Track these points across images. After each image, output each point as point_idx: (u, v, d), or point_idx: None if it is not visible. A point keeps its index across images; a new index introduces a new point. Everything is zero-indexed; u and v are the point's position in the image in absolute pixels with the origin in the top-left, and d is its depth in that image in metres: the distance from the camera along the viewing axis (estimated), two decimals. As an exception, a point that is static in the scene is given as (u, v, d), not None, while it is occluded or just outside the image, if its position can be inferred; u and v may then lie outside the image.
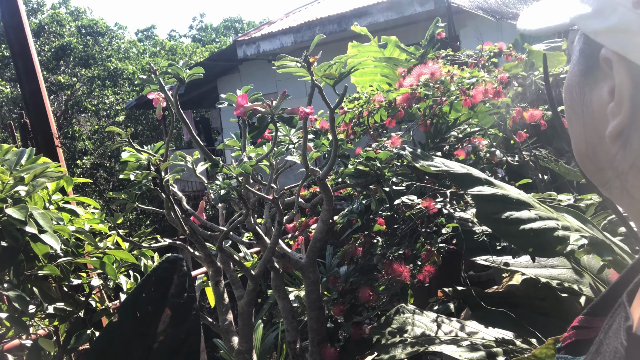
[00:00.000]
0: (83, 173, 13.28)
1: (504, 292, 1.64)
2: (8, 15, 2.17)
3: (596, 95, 0.40)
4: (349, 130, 1.94)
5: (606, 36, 0.36)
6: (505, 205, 1.17)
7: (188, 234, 1.52)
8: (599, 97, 0.39)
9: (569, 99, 0.45)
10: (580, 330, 0.42)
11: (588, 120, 0.42)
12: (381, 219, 1.74)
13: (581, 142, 0.43)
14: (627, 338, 0.32)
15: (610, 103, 0.38)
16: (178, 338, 1.31)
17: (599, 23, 0.37)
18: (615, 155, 0.39)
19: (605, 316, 0.40)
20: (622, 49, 0.35)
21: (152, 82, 1.32)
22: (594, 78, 0.40)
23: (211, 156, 1.37)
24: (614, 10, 0.35)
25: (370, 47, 2.80)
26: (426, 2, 6.97)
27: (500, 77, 1.77)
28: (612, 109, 0.37)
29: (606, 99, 0.38)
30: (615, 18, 0.35)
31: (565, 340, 0.43)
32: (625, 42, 0.35)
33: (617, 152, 0.39)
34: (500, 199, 1.19)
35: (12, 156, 1.38)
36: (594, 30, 0.37)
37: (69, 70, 15.44)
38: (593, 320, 0.42)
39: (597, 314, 0.42)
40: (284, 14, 11.25)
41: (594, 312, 0.43)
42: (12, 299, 1.23)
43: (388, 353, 1.36)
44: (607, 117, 0.38)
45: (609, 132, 0.38)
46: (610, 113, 0.38)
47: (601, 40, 0.37)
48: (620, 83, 0.36)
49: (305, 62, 1.22)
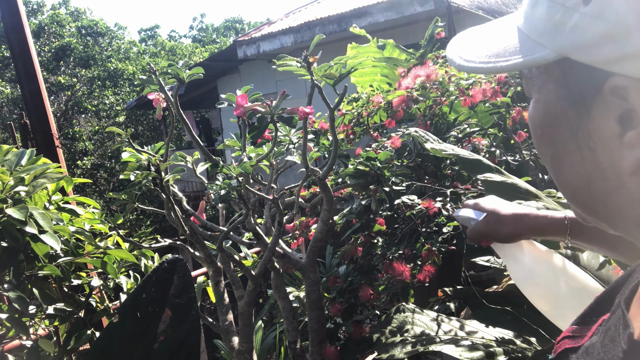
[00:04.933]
0: (83, 173, 13.28)
1: (504, 292, 1.64)
2: (8, 16, 2.17)
3: (599, 127, 0.37)
4: (349, 130, 1.94)
5: (622, 63, 0.34)
6: (514, 194, 1.16)
7: (188, 234, 1.52)
8: (605, 128, 0.36)
9: (551, 135, 0.42)
10: (571, 340, 0.42)
11: (591, 154, 0.38)
12: (381, 219, 1.74)
13: (580, 179, 0.40)
14: (628, 345, 0.32)
15: (622, 133, 0.35)
16: (178, 338, 1.31)
17: (610, 51, 0.34)
18: (635, 186, 0.36)
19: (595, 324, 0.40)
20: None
21: (152, 83, 1.32)
22: (594, 109, 0.37)
23: (211, 156, 1.37)
24: (626, 35, 0.33)
25: (370, 48, 2.80)
26: (426, 2, 6.98)
27: (499, 77, 1.77)
28: (632, 139, 0.35)
29: (616, 129, 0.36)
30: (632, 43, 0.33)
31: (556, 350, 0.43)
32: None
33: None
34: (510, 187, 1.18)
35: (13, 157, 1.38)
36: (605, 59, 0.34)
37: (69, 71, 15.44)
38: (583, 330, 0.42)
39: (587, 323, 0.42)
40: (284, 14, 11.25)
41: (584, 321, 0.43)
42: (12, 299, 1.24)
43: (388, 352, 1.36)
44: (617, 149, 0.36)
45: (631, 163, 0.35)
46: (629, 143, 0.35)
47: (616, 68, 0.34)
48: None
49: (305, 62, 1.22)
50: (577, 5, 0.36)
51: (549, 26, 0.38)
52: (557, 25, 0.37)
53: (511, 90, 1.76)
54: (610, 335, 0.34)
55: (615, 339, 0.33)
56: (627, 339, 0.32)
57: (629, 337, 0.32)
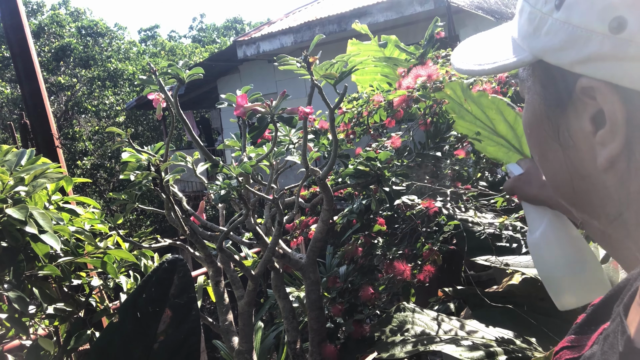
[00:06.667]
0: (83, 174, 13.28)
1: (504, 292, 1.64)
2: (8, 16, 2.17)
3: (575, 126, 0.39)
4: (349, 130, 1.94)
5: (586, 66, 0.36)
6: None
7: (188, 234, 1.52)
8: (579, 127, 0.38)
9: (537, 134, 0.44)
10: (570, 350, 0.42)
11: (570, 152, 0.41)
12: (381, 219, 1.74)
13: (564, 175, 0.42)
14: (624, 348, 0.32)
15: (594, 131, 0.37)
16: (178, 338, 1.31)
17: (575, 54, 0.36)
18: (611, 183, 0.38)
19: (594, 333, 0.40)
20: (608, 76, 0.35)
21: (152, 83, 1.32)
22: (570, 109, 0.39)
23: (211, 156, 1.37)
24: (588, 39, 0.35)
25: (370, 46, 2.79)
26: (426, 2, 6.97)
27: (499, 77, 1.77)
28: (604, 137, 0.36)
29: (589, 128, 0.37)
30: (593, 47, 0.35)
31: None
32: (611, 68, 0.34)
33: (619, 181, 0.37)
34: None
35: (13, 157, 1.38)
36: (569, 62, 0.37)
37: (69, 71, 15.45)
38: (582, 339, 0.42)
39: (586, 332, 0.42)
40: (284, 14, 11.25)
41: (583, 330, 0.43)
42: (12, 299, 1.24)
43: (388, 351, 1.36)
44: (592, 147, 0.38)
45: (604, 160, 0.37)
46: (600, 141, 0.37)
47: (580, 70, 0.36)
48: (611, 109, 0.35)
49: (305, 62, 1.22)
50: (550, 12, 0.38)
51: (530, 30, 0.41)
52: (535, 30, 0.40)
53: (511, 90, 1.76)
54: (609, 342, 0.34)
55: (614, 345, 0.33)
56: (624, 343, 0.32)
57: (626, 341, 0.32)
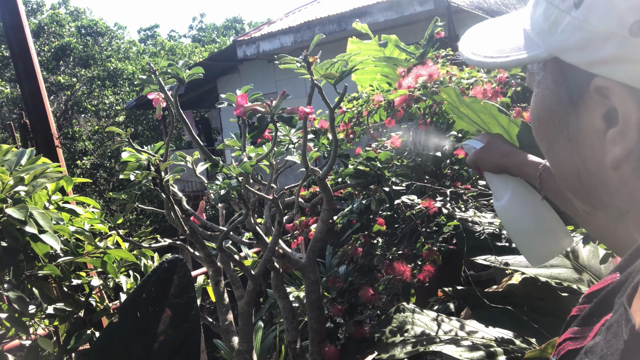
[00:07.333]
0: (83, 173, 13.28)
1: (503, 292, 1.64)
2: (8, 15, 2.17)
3: (586, 123, 0.39)
4: (349, 129, 1.94)
5: (602, 67, 0.36)
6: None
7: (188, 234, 1.52)
8: (590, 124, 0.39)
9: (545, 128, 0.44)
10: (573, 341, 0.42)
11: (579, 147, 0.41)
12: (381, 219, 1.74)
13: (571, 168, 0.43)
14: (629, 336, 0.32)
15: (606, 129, 0.37)
16: (178, 338, 1.31)
17: (591, 54, 0.36)
18: (620, 180, 0.38)
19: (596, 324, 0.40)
20: (625, 78, 0.35)
21: (151, 82, 1.32)
22: (581, 106, 0.39)
23: (211, 156, 1.37)
24: (607, 40, 0.35)
25: (370, 45, 2.79)
26: (426, 2, 6.98)
27: (499, 77, 1.77)
28: (615, 136, 0.37)
29: (600, 126, 0.38)
30: (611, 48, 0.35)
31: (559, 352, 0.43)
32: (628, 71, 0.35)
33: (629, 178, 0.38)
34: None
35: (12, 156, 1.38)
36: (586, 62, 0.37)
37: (68, 71, 15.44)
38: (585, 330, 0.42)
39: (588, 324, 0.42)
40: (284, 14, 11.25)
41: (585, 322, 0.43)
42: (12, 299, 1.24)
43: (388, 352, 1.36)
44: (602, 144, 0.38)
45: (613, 158, 0.37)
46: (612, 140, 0.37)
47: (596, 70, 0.36)
48: (625, 110, 0.35)
49: (305, 61, 1.22)
50: (569, 9, 0.38)
51: (545, 26, 0.40)
52: (551, 26, 0.40)
53: (511, 90, 1.76)
54: (613, 332, 0.35)
55: (618, 334, 0.34)
56: (628, 331, 0.32)
57: (631, 329, 0.32)
